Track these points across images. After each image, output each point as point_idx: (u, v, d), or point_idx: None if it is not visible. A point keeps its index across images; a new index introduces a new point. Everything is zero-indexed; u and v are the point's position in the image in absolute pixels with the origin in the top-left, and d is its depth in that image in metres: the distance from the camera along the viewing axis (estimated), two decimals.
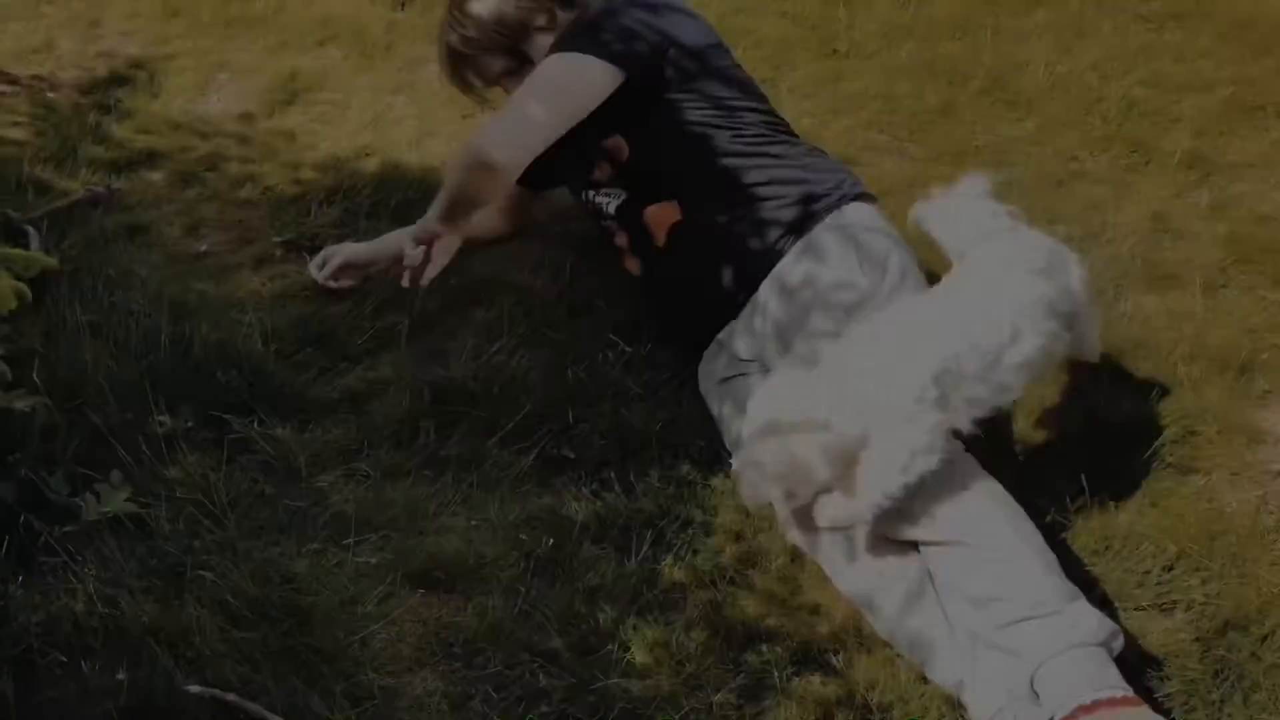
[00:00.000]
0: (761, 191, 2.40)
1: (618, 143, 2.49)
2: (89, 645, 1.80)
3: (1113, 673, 1.74)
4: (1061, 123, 3.71)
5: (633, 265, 2.60)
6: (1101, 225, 3.11)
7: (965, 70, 3.97)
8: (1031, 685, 1.75)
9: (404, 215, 3.12)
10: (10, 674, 1.73)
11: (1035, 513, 2.13)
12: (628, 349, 2.59)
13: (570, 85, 2.37)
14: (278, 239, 3.06)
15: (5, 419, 2.13)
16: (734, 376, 2.38)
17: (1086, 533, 2.15)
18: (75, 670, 1.76)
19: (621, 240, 2.59)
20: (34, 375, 2.27)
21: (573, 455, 2.33)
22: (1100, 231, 3.08)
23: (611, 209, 2.58)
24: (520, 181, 2.87)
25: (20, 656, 1.78)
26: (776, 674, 1.87)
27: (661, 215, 2.47)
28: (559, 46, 2.44)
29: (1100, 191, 3.32)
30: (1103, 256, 2.94)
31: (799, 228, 2.35)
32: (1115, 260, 2.94)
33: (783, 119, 2.62)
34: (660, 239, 2.48)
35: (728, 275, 2.41)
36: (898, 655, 1.93)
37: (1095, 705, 1.68)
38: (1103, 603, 1.99)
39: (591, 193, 2.63)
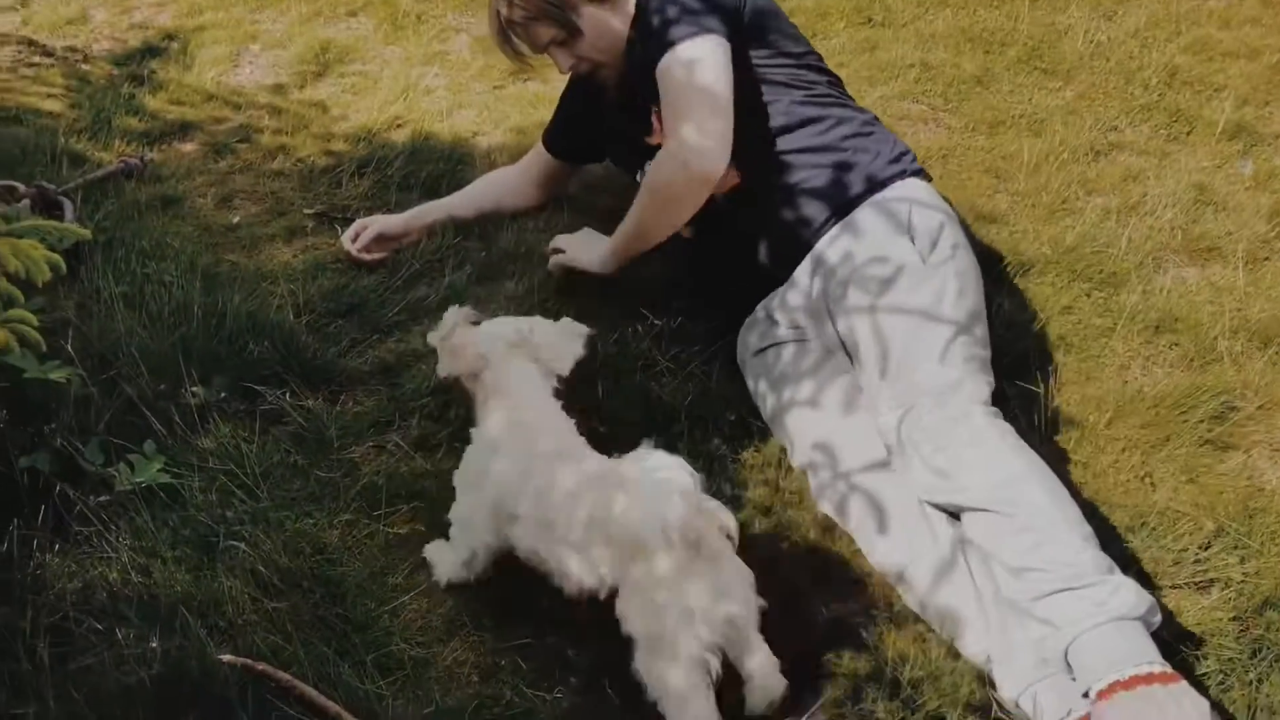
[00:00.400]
0: (823, 159, 2.37)
1: None
2: (123, 613, 1.82)
3: (1150, 647, 1.71)
4: (1101, 91, 3.64)
5: (685, 229, 2.53)
6: (1141, 196, 3.06)
7: (1003, 38, 3.90)
8: (1065, 657, 1.73)
9: (435, 187, 3.13)
10: (47, 640, 1.75)
11: (1069, 488, 2.11)
12: (657, 322, 2.57)
13: (720, 67, 2.29)
14: (309, 211, 3.07)
15: (40, 389, 2.15)
16: (768, 348, 2.37)
17: (1122, 509, 2.12)
18: (110, 638, 1.79)
19: None
20: (68, 346, 2.30)
21: (602, 428, 2.32)
22: (1139, 203, 3.03)
23: None
24: (558, 155, 2.86)
25: (57, 624, 1.80)
26: (806, 648, 1.86)
27: (723, 179, 2.40)
28: (658, 29, 2.33)
29: (1140, 162, 3.26)
30: (1142, 228, 2.89)
31: (846, 206, 2.32)
32: (1155, 232, 2.89)
33: (840, 79, 2.59)
34: (720, 205, 2.43)
35: (774, 247, 2.40)
36: (928, 630, 1.91)
37: (1133, 681, 1.65)
38: (1137, 581, 1.97)
39: (647, 164, 2.57)
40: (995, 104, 3.59)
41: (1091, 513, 2.07)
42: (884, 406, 2.07)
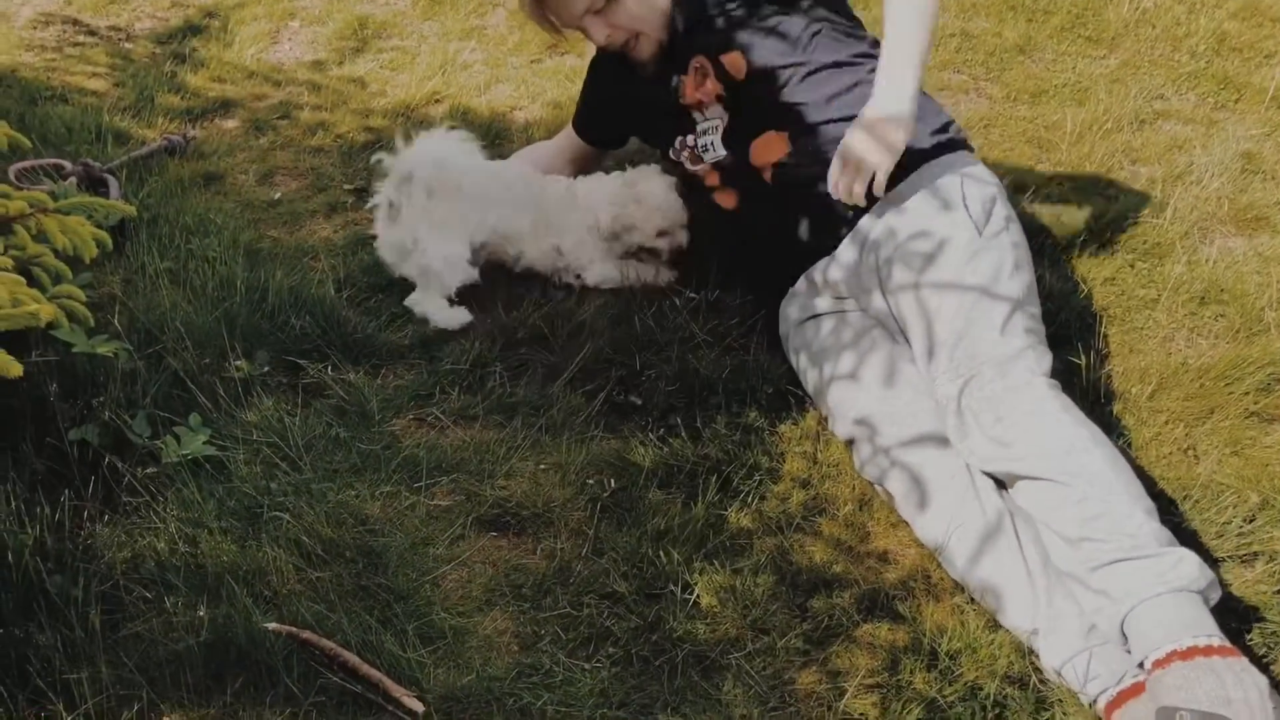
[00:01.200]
0: None
1: (735, 59, 2.40)
2: (171, 582, 1.86)
3: (1210, 621, 1.69)
4: (1146, 59, 3.58)
5: (727, 200, 2.52)
6: (1187, 166, 3.01)
7: (1045, 6, 3.85)
8: (1121, 628, 1.71)
9: None
10: (99, 608, 1.79)
11: None
12: (694, 295, 2.57)
13: None
14: (349, 187, 3.09)
15: (89, 363, 2.19)
16: (807, 320, 2.36)
17: (1165, 482, 2.10)
18: (159, 606, 1.82)
19: (713, 179, 2.53)
20: (115, 321, 2.34)
21: (639, 401, 2.33)
22: (1186, 172, 2.98)
23: (710, 143, 2.51)
24: (589, 142, 2.86)
25: (107, 592, 1.84)
26: (844, 620, 1.87)
27: (769, 147, 2.41)
28: None
29: (1186, 131, 3.21)
30: (1188, 198, 2.85)
31: (892, 179, 2.25)
32: (1200, 202, 2.85)
33: None
34: (766, 173, 2.42)
35: (816, 221, 2.38)
36: (967, 603, 1.91)
37: (1191, 651, 1.63)
38: None
39: (682, 138, 2.57)
40: (1038, 73, 3.54)
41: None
42: (943, 378, 2.06)
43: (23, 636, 1.74)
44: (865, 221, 2.30)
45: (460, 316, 2.55)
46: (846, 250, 2.32)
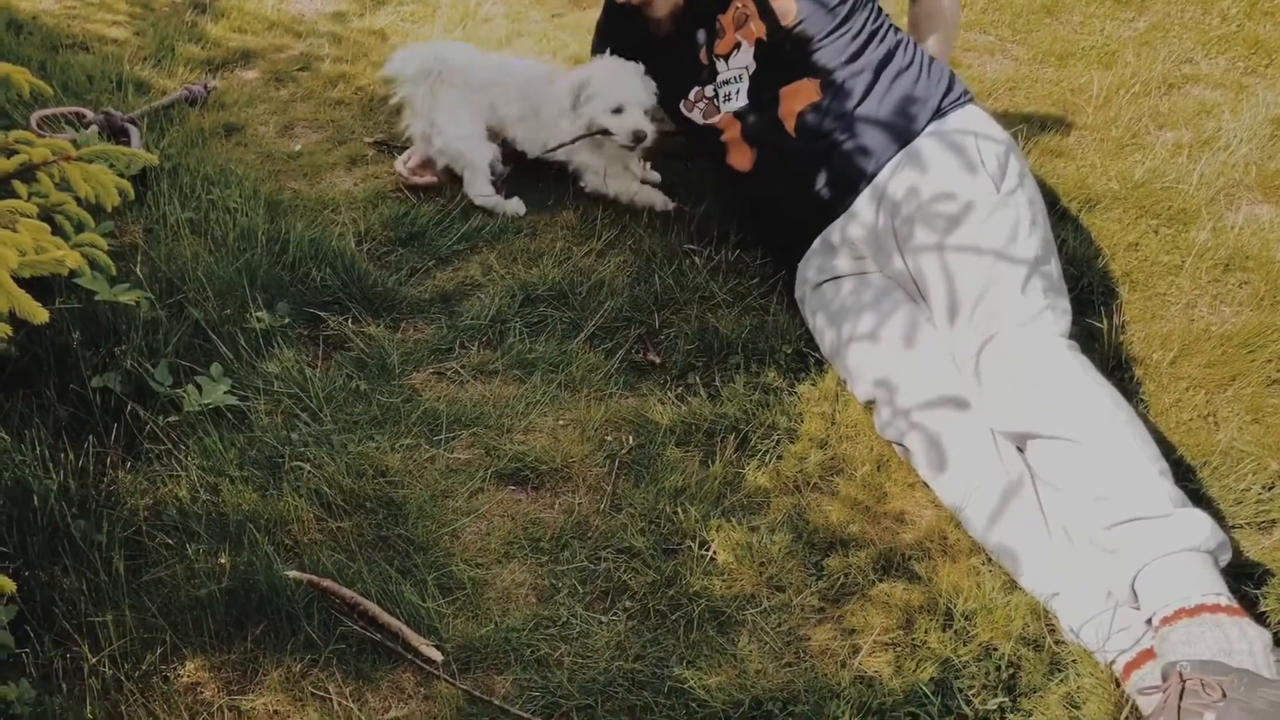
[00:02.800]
0: (893, 87, 2.35)
1: (786, 3, 2.39)
2: (193, 529, 1.88)
3: (1219, 581, 1.70)
4: (1176, 22, 3.53)
5: (742, 159, 2.51)
6: (1216, 131, 2.97)
7: None
8: (1132, 586, 1.72)
9: None
10: (122, 553, 1.81)
11: None
12: (715, 254, 2.56)
13: None
14: (369, 140, 3.08)
15: (111, 312, 2.20)
16: (825, 282, 2.35)
17: (1184, 448, 2.09)
18: (181, 552, 1.84)
19: (732, 131, 2.51)
20: (136, 269, 2.34)
21: (658, 360, 2.33)
22: (1214, 137, 2.95)
23: (733, 92, 2.50)
24: None
25: (130, 538, 1.86)
26: (859, 579, 1.87)
27: (798, 94, 2.40)
28: None
29: (1215, 96, 3.17)
30: (1214, 164, 2.82)
31: (908, 136, 2.30)
32: (1228, 168, 2.82)
33: None
34: (789, 122, 2.41)
35: (833, 176, 2.37)
36: (983, 564, 1.91)
37: (1199, 609, 1.64)
38: None
39: (699, 89, 2.55)
40: (1065, 35, 3.50)
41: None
42: (962, 338, 2.06)
43: (48, 580, 1.77)
44: (883, 176, 2.29)
45: (518, 206, 2.78)
46: (865, 207, 2.31)
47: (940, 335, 2.14)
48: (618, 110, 2.63)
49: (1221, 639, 1.59)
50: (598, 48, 2.83)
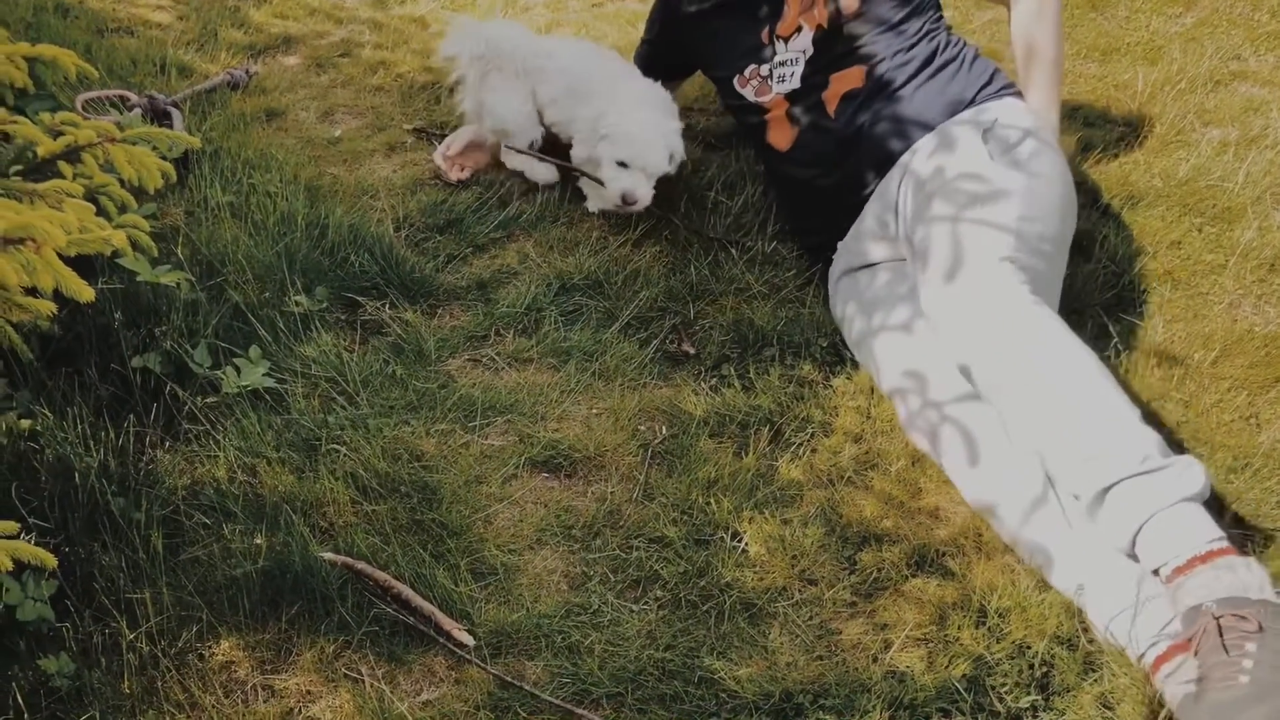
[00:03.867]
0: (936, 78, 2.38)
1: None
2: (230, 510, 1.90)
3: (1215, 525, 1.74)
4: (1225, 18, 3.47)
5: (781, 138, 2.52)
6: (1263, 129, 2.92)
7: None
8: (1134, 540, 1.75)
9: None
10: (160, 531, 1.83)
11: (1168, 425, 2.08)
12: (751, 245, 2.56)
13: None
14: (408, 127, 3.10)
15: (152, 292, 2.22)
16: (859, 269, 2.34)
17: (1224, 449, 2.06)
18: (218, 532, 1.86)
19: (779, 110, 2.52)
20: (178, 251, 2.37)
21: (692, 350, 2.33)
22: (1260, 136, 2.90)
23: (788, 74, 2.50)
24: (653, 74, 2.84)
25: (168, 516, 1.89)
26: (892, 574, 1.86)
27: (845, 79, 2.43)
28: None
29: (1263, 93, 3.12)
30: (1261, 162, 2.77)
31: (938, 121, 2.33)
32: (1274, 167, 2.77)
33: None
34: (831, 105, 2.44)
35: (868, 157, 2.39)
36: (1017, 562, 1.90)
37: (1209, 555, 1.69)
38: (1235, 522, 1.93)
39: (755, 66, 2.55)
40: (1109, 30, 3.45)
41: (1191, 451, 2.02)
42: (933, 293, 2.07)
43: (87, 556, 1.79)
44: (913, 159, 2.31)
45: (549, 174, 2.79)
46: (901, 194, 2.30)
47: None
48: (621, 164, 2.55)
49: (1235, 579, 1.65)
50: (650, 41, 2.86)
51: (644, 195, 2.55)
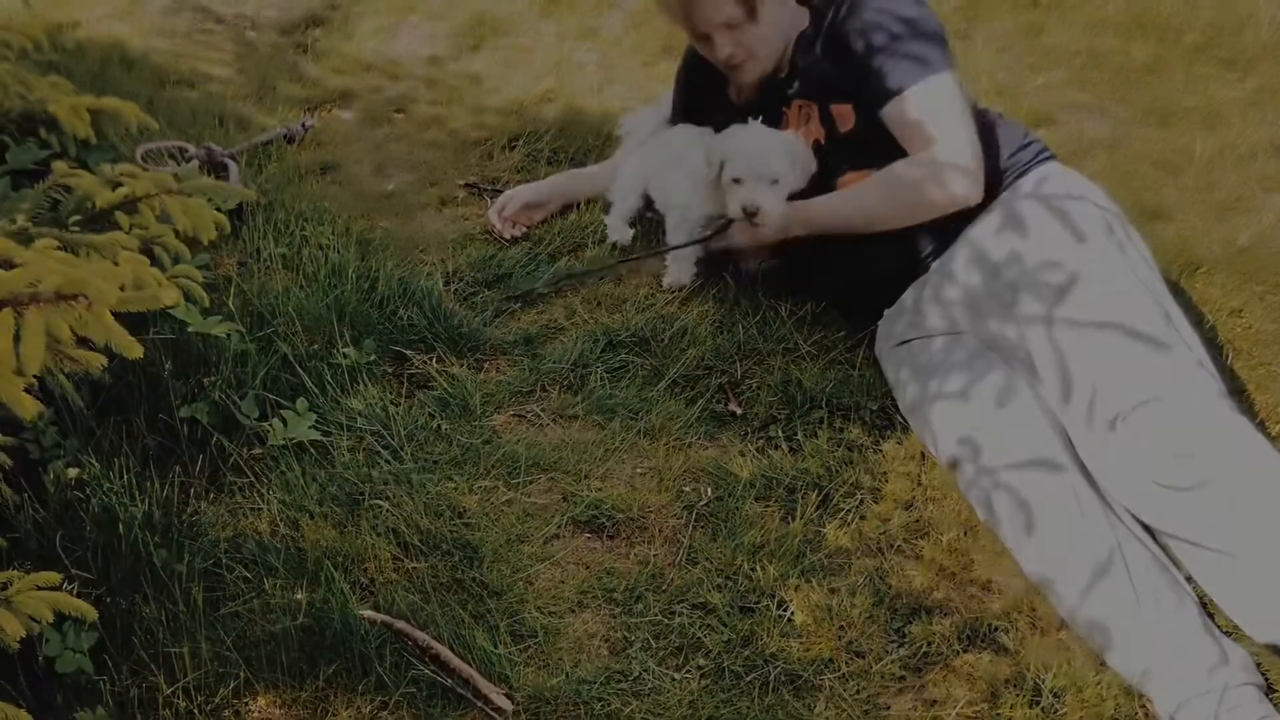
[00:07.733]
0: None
1: (844, 110, 2.40)
2: (271, 564, 1.89)
3: None
4: None
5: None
6: None
7: (1179, 24, 3.72)
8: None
9: (583, 162, 3.15)
10: (201, 585, 1.82)
11: None
12: (800, 306, 2.53)
13: (965, 99, 2.33)
14: (461, 182, 3.12)
15: (202, 343, 2.23)
16: (915, 339, 2.30)
17: None
18: (259, 586, 1.85)
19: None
20: (229, 302, 2.38)
21: (739, 410, 2.30)
22: None
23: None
24: None
25: (209, 569, 1.88)
26: (942, 648, 1.81)
27: (857, 177, 2.43)
28: (879, 68, 2.32)
29: None
30: None
31: (991, 191, 2.28)
32: None
33: None
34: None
35: (916, 235, 2.35)
36: (1074, 639, 1.84)
37: None
38: None
39: None
40: (1167, 95, 3.42)
41: None
42: (1083, 415, 1.99)
43: (128, 608, 1.78)
44: (983, 238, 2.24)
45: (625, 232, 2.78)
46: (962, 268, 2.26)
47: (1052, 409, 2.07)
48: (736, 180, 2.41)
49: None
50: (678, 108, 2.85)
51: (767, 203, 2.36)
